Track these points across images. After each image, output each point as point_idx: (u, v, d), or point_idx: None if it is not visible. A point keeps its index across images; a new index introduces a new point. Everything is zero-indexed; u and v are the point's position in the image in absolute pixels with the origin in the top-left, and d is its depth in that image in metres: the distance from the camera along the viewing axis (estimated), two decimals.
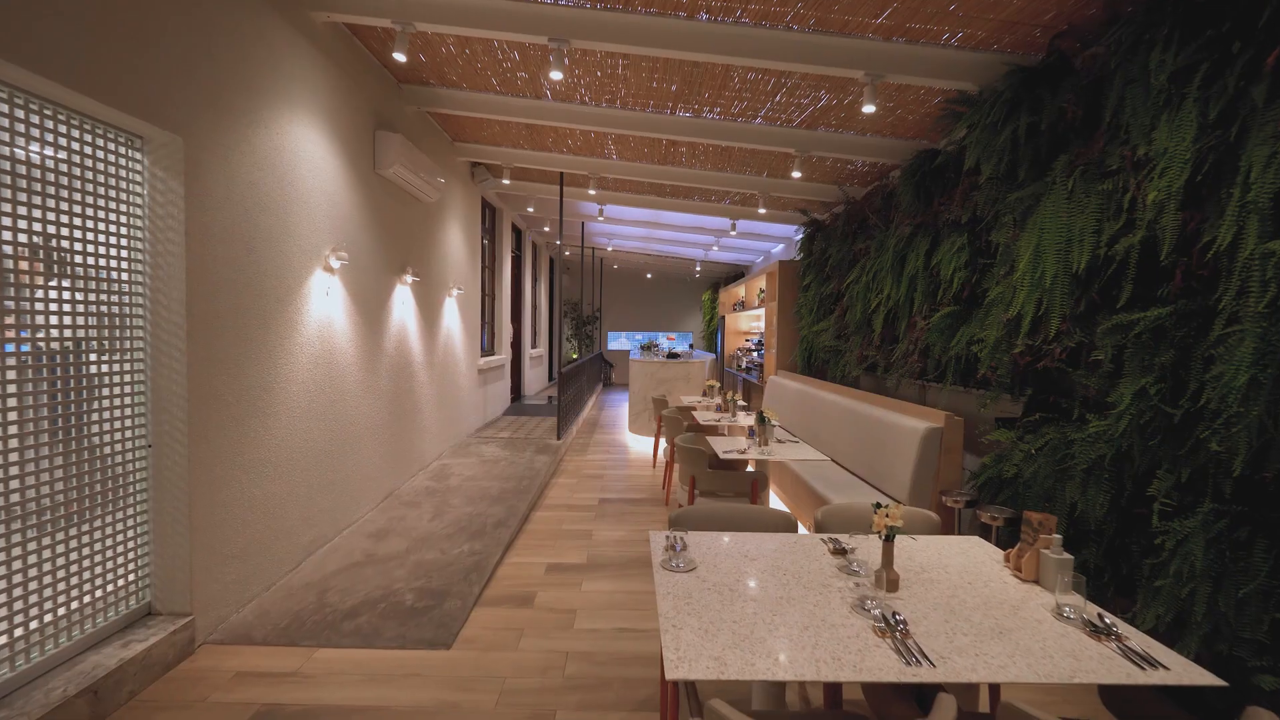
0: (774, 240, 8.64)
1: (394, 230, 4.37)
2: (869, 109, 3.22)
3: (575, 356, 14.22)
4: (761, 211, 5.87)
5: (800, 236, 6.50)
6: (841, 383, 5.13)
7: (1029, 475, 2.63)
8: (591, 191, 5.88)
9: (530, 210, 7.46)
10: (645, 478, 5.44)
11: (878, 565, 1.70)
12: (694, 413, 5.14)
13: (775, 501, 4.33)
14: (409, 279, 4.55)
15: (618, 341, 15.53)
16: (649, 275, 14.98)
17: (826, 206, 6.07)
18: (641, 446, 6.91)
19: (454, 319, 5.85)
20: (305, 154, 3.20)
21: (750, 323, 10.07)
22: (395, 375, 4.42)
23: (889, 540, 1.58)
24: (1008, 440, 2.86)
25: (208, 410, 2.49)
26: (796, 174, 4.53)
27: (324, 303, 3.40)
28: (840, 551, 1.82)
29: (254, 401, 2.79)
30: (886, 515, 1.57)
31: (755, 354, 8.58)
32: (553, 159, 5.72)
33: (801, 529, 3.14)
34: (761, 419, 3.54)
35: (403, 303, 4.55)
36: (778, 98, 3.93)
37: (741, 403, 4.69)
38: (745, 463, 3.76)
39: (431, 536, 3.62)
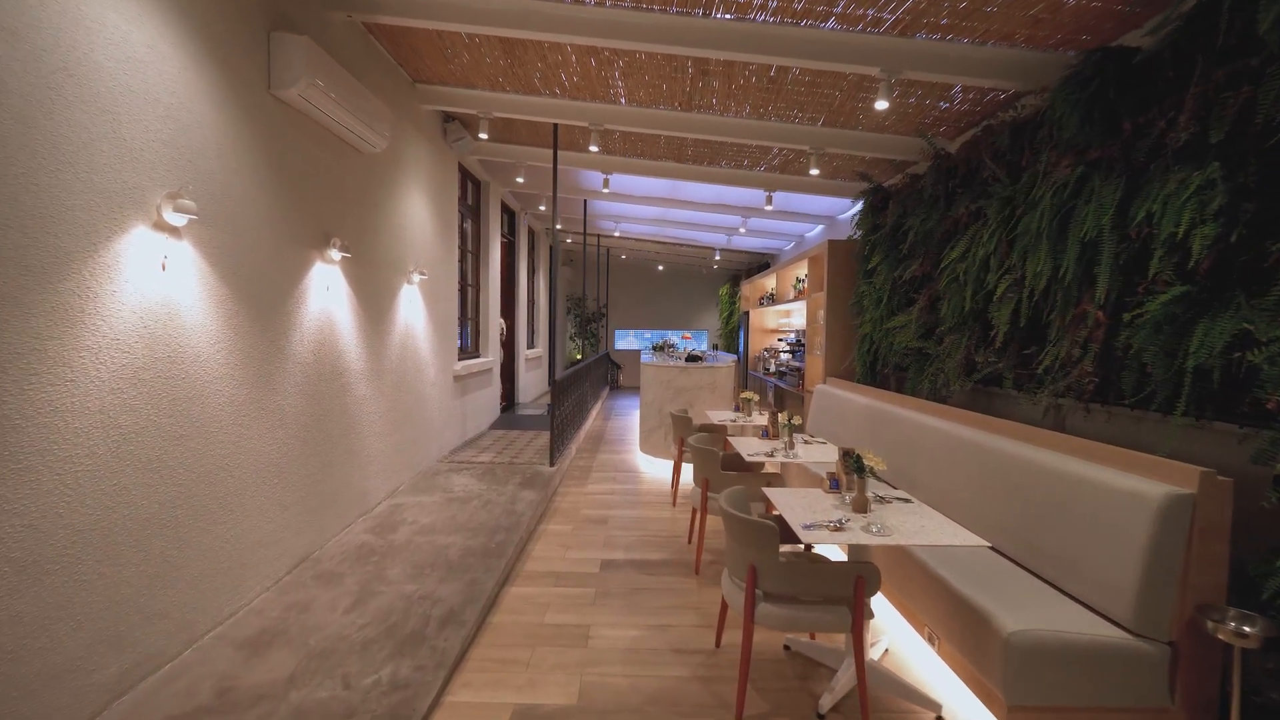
0: (811, 220, 7.29)
1: (309, 183, 3.07)
2: None
3: (579, 357, 12.95)
4: (814, 173, 4.53)
5: (858, 209, 5.15)
6: (930, 398, 3.79)
7: None
8: (593, 149, 4.58)
9: (520, 181, 6.18)
10: (664, 521, 4.12)
11: None
12: (730, 438, 3.81)
13: (885, 606, 2.90)
14: (335, 254, 3.25)
15: (625, 340, 14.21)
16: (660, 267, 13.65)
17: (898, 167, 4.72)
18: (656, 472, 5.59)
19: (415, 312, 4.55)
20: (108, 30, 1.90)
21: (780, 319, 8.73)
22: (313, 390, 3.13)
23: None
24: None
25: None
26: (882, 103, 3.19)
27: (156, 282, 2.10)
28: None
29: None
30: None
31: (790, 356, 7.23)
32: (543, 104, 4.41)
33: None
34: (859, 465, 2.21)
35: (326, 288, 3.25)
36: None
37: (796, 421, 3.37)
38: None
39: (338, 647, 2.32)
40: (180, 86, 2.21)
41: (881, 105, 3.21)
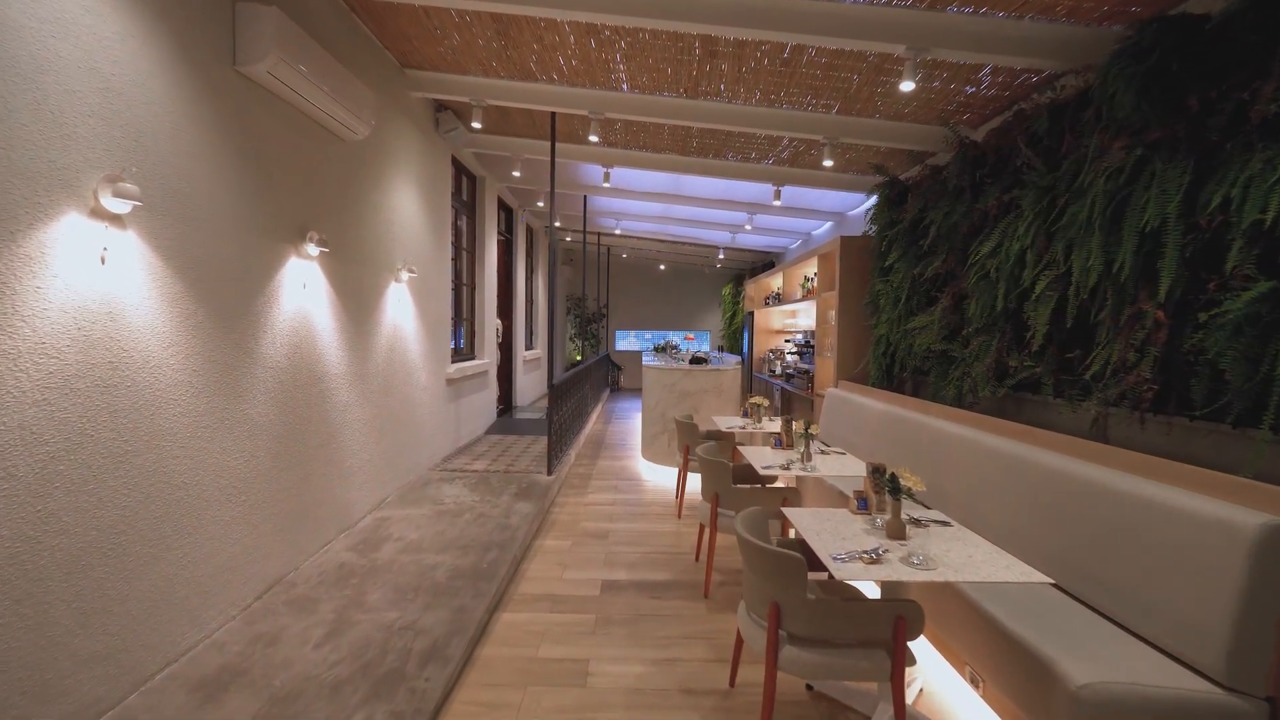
0: (820, 217, 7.03)
1: (281, 171, 2.81)
2: None
3: (579, 359, 12.69)
4: (828, 165, 4.27)
5: (870, 204, 4.90)
6: (954, 404, 3.52)
7: None
8: (593, 139, 4.32)
9: (517, 175, 5.92)
10: (669, 536, 3.85)
11: None
12: (739, 446, 3.55)
13: (931, 654, 2.61)
14: (313, 249, 2.98)
15: (626, 341, 13.95)
16: (662, 267, 13.39)
17: (915, 158, 4.46)
18: (659, 480, 5.33)
19: (404, 311, 4.29)
20: None
21: (785, 319, 8.47)
22: (288, 397, 2.87)
23: None
24: None
25: None
26: (907, 84, 2.93)
27: (94, 278, 1.84)
28: None
29: None
30: None
31: (798, 358, 6.98)
32: (539, 91, 4.15)
33: None
34: (894, 486, 1.95)
35: (302, 285, 2.99)
36: None
37: (814, 431, 3.10)
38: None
39: (306, 689, 2.06)
40: (125, 55, 1.95)
41: (907, 87, 2.95)
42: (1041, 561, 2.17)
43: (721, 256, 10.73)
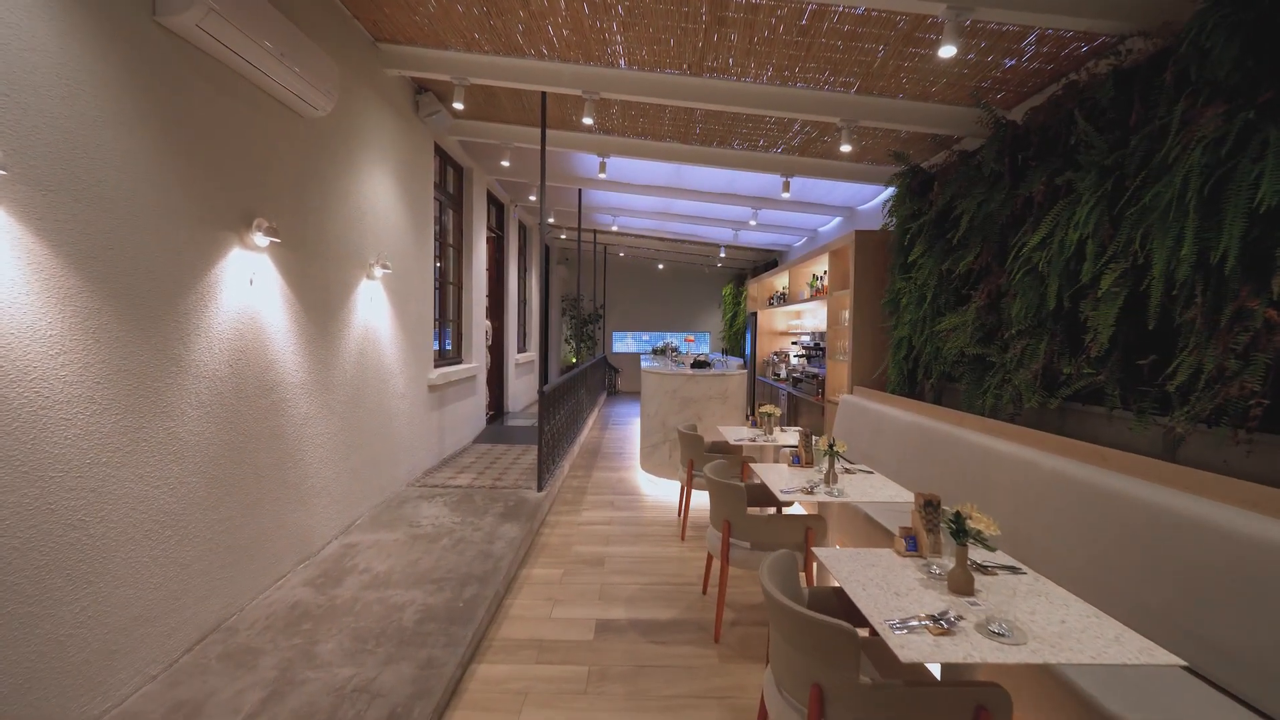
0: (828, 212, 6.65)
1: (219, 147, 2.40)
2: None
3: (574, 361, 12.28)
4: (845, 150, 3.88)
5: (883, 198, 4.52)
6: (992, 415, 3.14)
7: None
8: (587, 121, 3.92)
9: (505, 165, 5.51)
10: (672, 562, 3.45)
11: None
12: (749, 463, 3.15)
13: None
14: (261, 239, 2.58)
15: (624, 343, 13.55)
16: (660, 266, 13.00)
17: (939, 144, 4.09)
18: (660, 494, 4.93)
19: (379, 312, 3.88)
20: None
21: (790, 320, 8.09)
22: (229, 411, 2.45)
23: None
24: None
25: None
26: (948, 49, 2.54)
27: None
28: None
29: None
30: None
31: (805, 361, 6.59)
32: (527, 68, 3.75)
33: None
34: (960, 530, 1.55)
35: (249, 281, 2.58)
36: None
37: (840, 449, 2.69)
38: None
39: None
40: None
41: (947, 51, 2.57)
42: (1142, 623, 1.77)
43: (723, 255, 10.35)
